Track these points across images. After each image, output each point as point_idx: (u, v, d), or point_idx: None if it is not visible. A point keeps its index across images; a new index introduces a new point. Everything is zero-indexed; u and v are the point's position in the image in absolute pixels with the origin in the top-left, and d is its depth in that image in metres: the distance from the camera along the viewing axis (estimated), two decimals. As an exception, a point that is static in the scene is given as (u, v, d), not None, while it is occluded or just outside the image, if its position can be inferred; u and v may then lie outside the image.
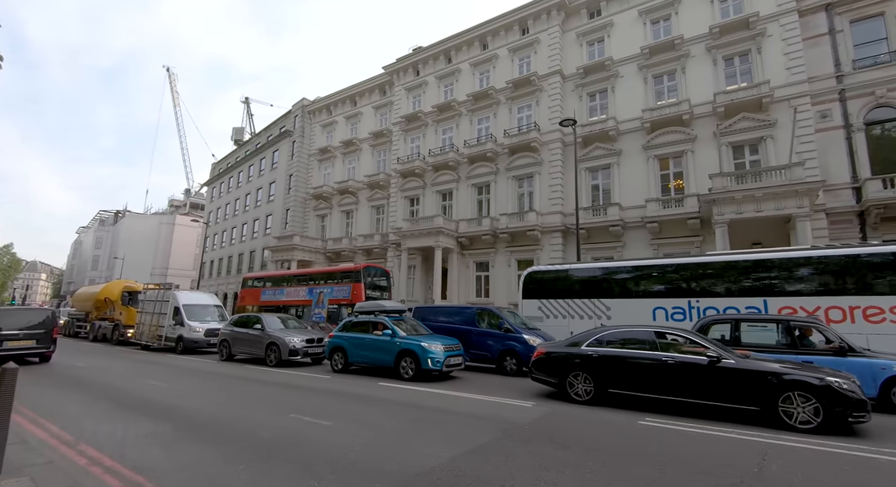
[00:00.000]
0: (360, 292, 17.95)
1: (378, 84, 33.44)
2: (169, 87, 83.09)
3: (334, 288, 19.07)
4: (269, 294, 22.42)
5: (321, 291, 19.49)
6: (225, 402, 7.78)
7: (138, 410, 6.99)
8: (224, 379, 10.62)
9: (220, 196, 49.43)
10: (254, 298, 23.13)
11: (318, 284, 20.08)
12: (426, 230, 24.04)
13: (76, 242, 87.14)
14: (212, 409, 7.13)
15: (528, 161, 23.90)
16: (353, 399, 8.14)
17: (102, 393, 8.62)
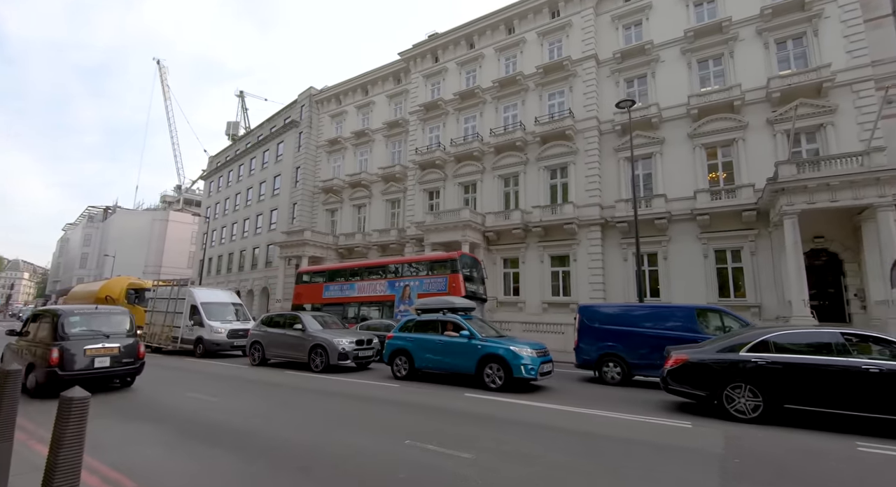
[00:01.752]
0: (458, 284, 15.56)
1: (392, 71, 31.82)
2: (159, 80, 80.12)
3: (424, 280, 16.75)
4: (335, 290, 19.91)
5: (407, 284, 17.07)
6: (306, 423, 6.23)
7: (206, 437, 5.42)
8: (277, 389, 9.01)
9: (218, 191, 47.31)
10: (313, 295, 20.54)
11: (401, 276, 17.69)
12: (451, 224, 22.56)
13: (62, 239, 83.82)
14: (301, 435, 5.58)
15: (561, 150, 22.54)
16: (463, 418, 6.62)
17: (142, 410, 7.01)
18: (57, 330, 8.00)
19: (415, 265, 17.95)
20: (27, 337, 8.72)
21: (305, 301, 20.70)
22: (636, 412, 6.91)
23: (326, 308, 19.21)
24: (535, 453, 4.81)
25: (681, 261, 19.51)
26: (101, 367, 8.10)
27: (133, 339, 8.77)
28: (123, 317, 9.15)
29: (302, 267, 25.43)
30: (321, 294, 20.21)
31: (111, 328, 8.72)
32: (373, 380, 9.92)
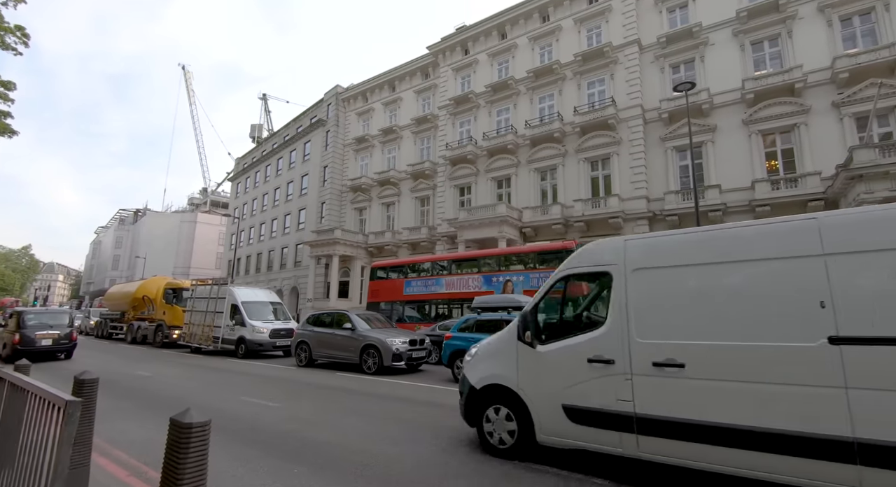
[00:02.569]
0: None
1: (420, 66, 31.21)
2: (185, 85, 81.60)
3: (530, 274, 14.41)
4: (418, 286, 17.96)
5: (508, 280, 14.91)
6: (387, 433, 5.56)
7: (285, 453, 4.78)
8: (336, 393, 8.29)
9: (245, 191, 47.59)
10: (391, 292, 18.77)
11: (501, 270, 15.57)
12: (487, 220, 21.79)
13: (95, 242, 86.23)
14: (392, 449, 4.91)
15: (603, 140, 21.51)
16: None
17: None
18: (20, 323, 12.88)
19: (519, 257, 15.77)
20: (6, 328, 13.76)
21: (384, 298, 19.00)
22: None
23: (409, 305, 18.13)
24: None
25: (737, 256, 18.26)
26: (45, 345, 12.83)
27: (70, 329, 13.57)
28: (65, 314, 14.45)
29: (377, 262, 23.38)
30: (401, 290, 18.33)
31: (55, 321, 13.58)
32: (434, 384, 9.21)
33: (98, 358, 14.54)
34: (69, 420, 1.88)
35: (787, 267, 3.38)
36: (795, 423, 3.12)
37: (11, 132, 19.56)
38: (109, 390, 8.39)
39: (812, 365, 3.13)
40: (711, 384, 3.46)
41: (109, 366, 12.26)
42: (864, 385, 2.95)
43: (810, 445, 3.04)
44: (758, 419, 3.23)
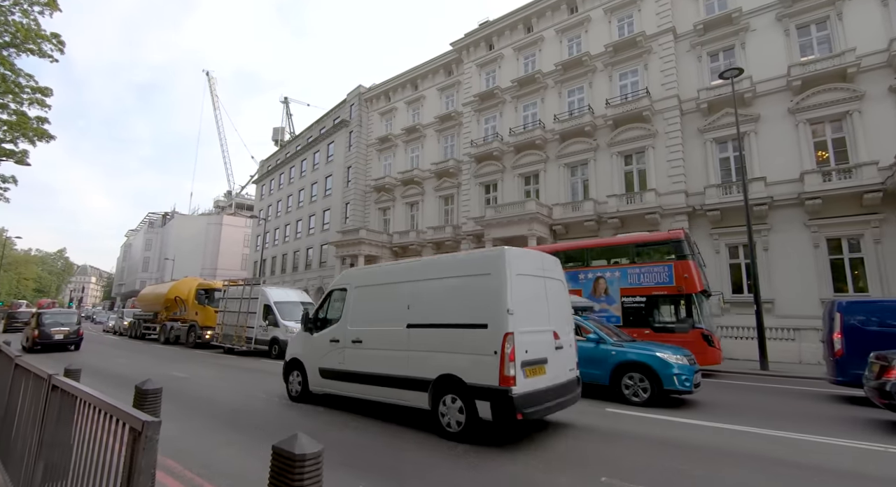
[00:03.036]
0: (692, 275, 11.36)
1: (443, 63, 30.85)
2: (209, 91, 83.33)
3: (628, 270, 12.48)
4: None
5: (600, 276, 12.85)
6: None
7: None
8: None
9: (270, 193, 48.14)
10: None
11: (591, 265, 13.43)
12: (516, 217, 21.23)
13: (125, 245, 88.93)
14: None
15: (637, 133, 20.72)
16: (646, 444, 5.39)
17: (265, 429, 6.19)
18: (39, 322, 16.31)
19: (616, 250, 13.65)
20: (30, 325, 17.00)
21: None
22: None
23: None
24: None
25: (785, 252, 17.30)
26: (58, 339, 16.19)
27: (78, 326, 17.07)
28: (74, 315, 17.88)
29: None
30: None
31: (66, 320, 16.98)
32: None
33: (132, 359, 14.64)
34: (148, 446, 1.53)
35: (401, 287, 6.28)
36: (397, 370, 5.91)
37: (49, 137, 20.09)
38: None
39: (402, 339, 5.94)
40: (372, 351, 6.34)
41: (143, 366, 12.27)
42: (416, 349, 5.79)
43: (401, 381, 5.83)
44: (388, 369, 6.03)
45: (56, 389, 2.83)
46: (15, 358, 3.88)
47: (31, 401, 3.21)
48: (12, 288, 68.56)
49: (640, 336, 10.93)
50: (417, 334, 5.77)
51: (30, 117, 19.74)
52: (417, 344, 5.74)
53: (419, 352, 5.69)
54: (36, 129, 19.66)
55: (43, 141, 19.75)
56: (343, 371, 6.57)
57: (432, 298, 5.76)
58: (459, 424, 5.15)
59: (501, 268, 5.18)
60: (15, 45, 19.63)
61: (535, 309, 5.47)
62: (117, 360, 14.21)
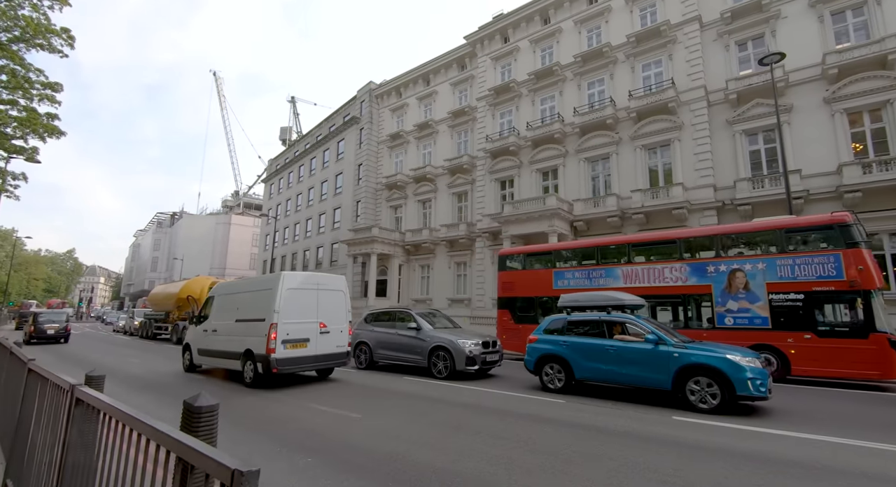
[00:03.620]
0: (868, 267, 9.42)
1: (456, 58, 30.24)
2: (216, 91, 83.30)
3: (777, 260, 10.34)
4: (578, 278, 13.55)
5: (737, 268, 10.73)
6: (523, 464, 4.59)
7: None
8: (423, 404, 7.17)
9: (279, 192, 47.76)
10: (535, 285, 14.52)
11: (723, 255, 11.17)
12: (536, 213, 20.57)
13: (134, 245, 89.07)
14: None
15: (662, 126, 20.00)
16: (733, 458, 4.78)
17: (277, 427, 5.64)
18: (35, 320, 20.23)
19: (755, 236, 11.32)
20: (28, 323, 20.97)
21: (522, 293, 15.02)
22: None
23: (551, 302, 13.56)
24: None
25: (822, 248, 16.50)
26: (50, 334, 19.95)
27: (66, 323, 20.85)
28: (63, 314, 21.74)
29: (506, 249, 18.46)
30: (550, 283, 14.08)
31: (57, 318, 20.75)
32: (521, 391, 8.15)
33: (145, 359, 14.17)
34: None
35: (236, 296, 10.23)
36: (230, 347, 9.55)
37: (59, 133, 19.71)
38: (165, 395, 7.72)
39: (233, 328, 9.66)
40: (222, 336, 9.91)
41: (157, 367, 11.77)
42: (238, 334, 9.46)
43: (231, 354, 9.51)
44: (226, 347, 9.69)
45: (81, 403, 2.27)
46: (28, 361, 3.38)
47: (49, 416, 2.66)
48: (22, 289, 68.78)
49: (799, 340, 9.59)
50: (240, 325, 9.43)
51: (40, 113, 19.42)
52: (240, 332, 9.36)
53: (239, 336, 9.27)
54: (46, 125, 19.29)
55: (53, 137, 19.39)
56: (207, 349, 10.28)
57: (248, 303, 9.51)
58: (251, 378, 8.76)
59: (276, 285, 8.78)
60: (25, 39, 19.26)
61: (304, 309, 9.04)
62: (130, 360, 13.74)
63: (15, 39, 19.07)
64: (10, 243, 58.01)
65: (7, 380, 4.26)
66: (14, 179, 19.71)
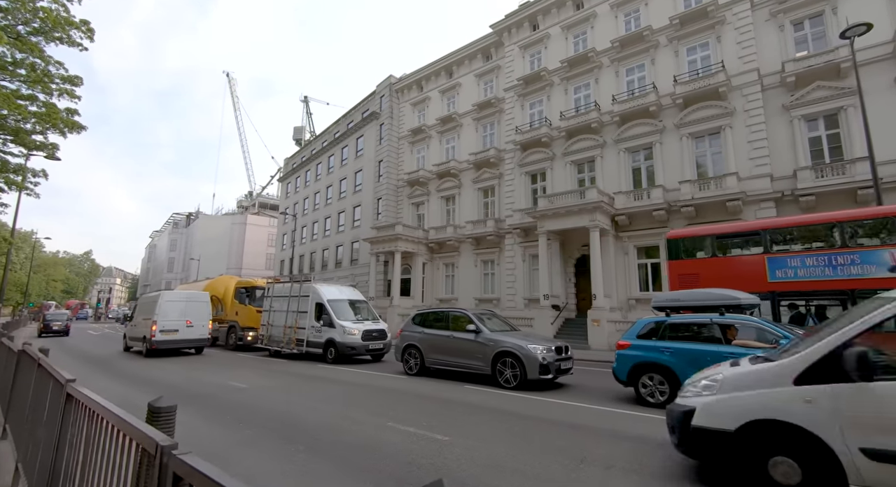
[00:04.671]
0: None
1: (481, 48, 29.16)
2: (229, 93, 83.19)
3: None
4: (814, 265, 10.14)
5: None
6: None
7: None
8: (510, 420, 6.15)
9: (296, 191, 47.12)
10: (740, 278, 10.69)
11: None
12: (576, 207, 19.40)
13: (150, 246, 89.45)
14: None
15: (711, 112, 18.72)
16: None
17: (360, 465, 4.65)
18: (44, 318, 28.43)
19: None
20: (38, 321, 31.16)
21: (709, 285, 10.15)
22: None
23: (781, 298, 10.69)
24: None
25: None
26: (56, 329, 27.01)
27: (68, 321, 28.65)
28: (65, 314, 29.55)
29: (678, 230, 14.55)
30: (762, 274, 10.81)
31: (61, 317, 28.39)
32: (615, 406, 7.00)
33: (176, 363, 13.35)
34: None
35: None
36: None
37: (80, 127, 19.06)
38: (214, 408, 6.77)
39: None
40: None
41: (194, 374, 10.90)
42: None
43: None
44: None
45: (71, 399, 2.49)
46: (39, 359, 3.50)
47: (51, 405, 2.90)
48: (42, 290, 69.28)
49: None
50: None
51: (59, 109, 18.82)
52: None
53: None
54: (66, 121, 18.68)
55: (74, 132, 18.76)
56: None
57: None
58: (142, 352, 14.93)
59: (158, 299, 15.22)
60: (44, 32, 18.65)
61: (178, 314, 14.92)
62: (158, 364, 12.93)
63: (34, 31, 18.47)
64: (30, 245, 58.30)
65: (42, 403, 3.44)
66: (34, 176, 19.12)
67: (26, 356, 4.14)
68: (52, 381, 2.77)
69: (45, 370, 3.06)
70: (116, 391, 8.10)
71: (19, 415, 4.22)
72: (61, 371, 2.69)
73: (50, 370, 2.86)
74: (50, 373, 2.86)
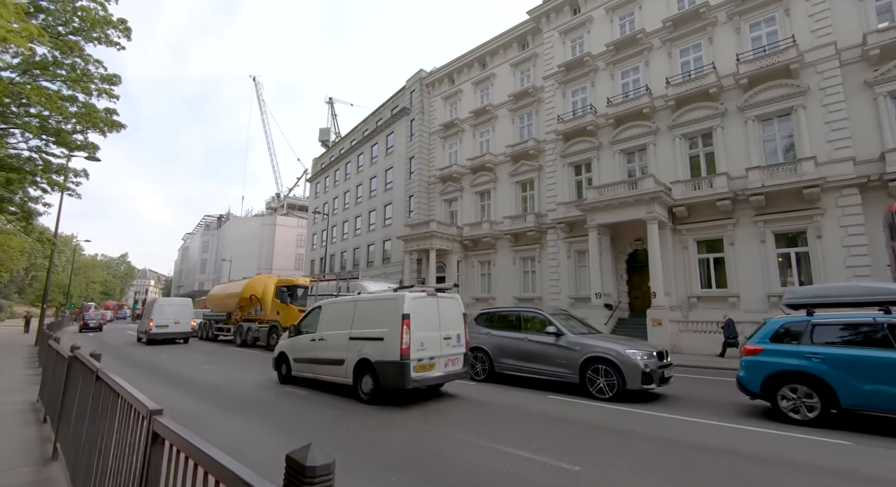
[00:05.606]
0: None
1: (516, 36, 28.02)
2: (256, 96, 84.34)
3: None
4: None
5: None
6: None
7: None
8: (648, 447, 5.05)
9: (325, 191, 46.95)
10: None
11: None
12: (631, 198, 18.08)
13: (182, 248, 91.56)
14: None
15: (781, 92, 17.12)
16: None
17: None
18: (83, 317, 34.65)
19: None
20: (79, 319, 38.33)
21: None
22: None
23: None
24: None
25: None
26: (92, 325, 33.01)
27: (101, 320, 34.54)
28: (100, 314, 36.41)
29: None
30: None
31: (96, 316, 34.68)
32: (747, 423, 5.82)
33: (223, 365, 12.78)
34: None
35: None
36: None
37: (119, 126, 18.90)
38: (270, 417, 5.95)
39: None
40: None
41: (237, 375, 10.23)
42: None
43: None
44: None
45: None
46: (114, 386, 2.59)
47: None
48: (82, 292, 71.69)
49: None
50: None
51: (98, 109, 18.73)
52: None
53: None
54: (105, 120, 18.56)
55: (113, 131, 18.63)
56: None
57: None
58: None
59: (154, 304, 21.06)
60: (83, 30, 18.57)
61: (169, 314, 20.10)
62: (202, 367, 12.40)
63: (74, 31, 18.42)
64: (71, 248, 60.24)
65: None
66: (76, 176, 19.09)
67: (86, 370, 3.48)
68: (132, 411, 1.94)
69: (114, 391, 2.21)
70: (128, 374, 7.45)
71: (75, 442, 3.45)
72: (144, 398, 1.88)
73: (128, 397, 2.01)
74: (126, 401, 2.00)
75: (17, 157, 17.97)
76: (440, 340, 7.35)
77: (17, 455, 4.40)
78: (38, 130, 17.89)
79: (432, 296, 7.64)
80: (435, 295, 7.74)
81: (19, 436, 5.05)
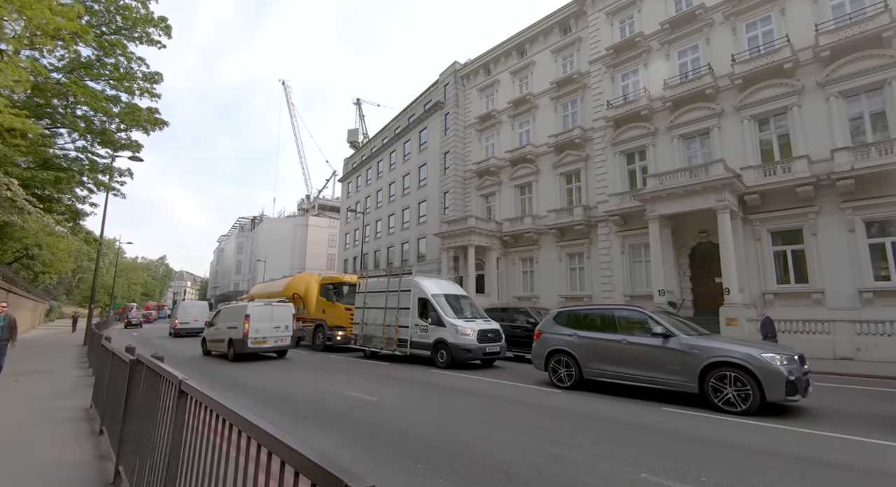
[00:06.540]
0: None
1: (557, 21, 26.68)
2: (285, 100, 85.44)
3: None
4: None
5: None
6: None
7: None
8: (823, 472, 4.00)
9: (357, 191, 46.68)
10: None
11: None
12: (699, 186, 16.50)
13: (218, 250, 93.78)
14: None
15: (868, 64, 15.29)
16: None
17: None
18: (126, 317, 39.03)
19: None
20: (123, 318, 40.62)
21: None
22: None
23: None
24: None
25: None
26: (134, 323, 37.04)
27: (141, 318, 40.12)
28: (140, 313, 41.88)
29: None
30: None
31: (137, 315, 38.99)
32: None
33: (270, 366, 12.15)
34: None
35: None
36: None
37: (162, 123, 18.76)
38: (348, 426, 5.07)
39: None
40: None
41: (298, 378, 9.51)
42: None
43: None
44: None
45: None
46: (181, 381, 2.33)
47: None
48: (125, 293, 74.32)
49: None
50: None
51: (141, 108, 18.67)
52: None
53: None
54: (148, 118, 18.47)
55: (156, 128, 18.49)
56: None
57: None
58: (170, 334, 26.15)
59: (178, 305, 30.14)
60: (126, 29, 18.52)
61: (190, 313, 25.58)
62: (265, 370, 11.81)
63: (117, 30, 18.39)
64: (114, 251, 62.32)
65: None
66: (120, 176, 19.07)
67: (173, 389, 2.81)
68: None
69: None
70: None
71: (139, 464, 2.63)
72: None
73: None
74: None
75: (65, 157, 18.06)
76: (271, 328, 13.24)
77: (72, 478, 3.68)
78: (85, 130, 17.95)
79: (268, 305, 13.70)
80: (270, 304, 13.81)
81: (74, 454, 4.36)
